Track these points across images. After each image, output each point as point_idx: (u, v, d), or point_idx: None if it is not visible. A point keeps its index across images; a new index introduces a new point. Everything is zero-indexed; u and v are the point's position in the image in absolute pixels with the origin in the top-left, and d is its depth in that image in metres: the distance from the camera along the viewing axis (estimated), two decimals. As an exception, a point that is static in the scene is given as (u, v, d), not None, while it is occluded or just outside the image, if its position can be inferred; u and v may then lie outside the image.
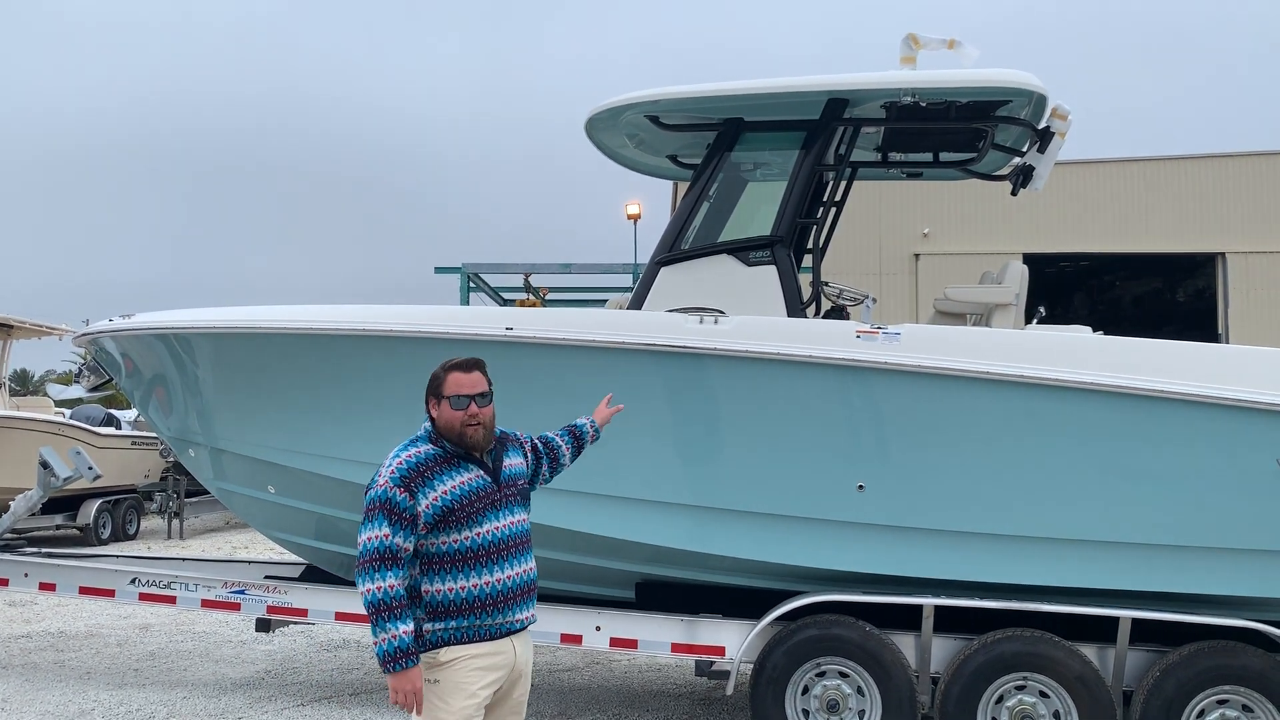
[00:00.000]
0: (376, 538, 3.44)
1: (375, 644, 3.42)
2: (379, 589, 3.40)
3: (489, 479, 3.67)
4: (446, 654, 3.54)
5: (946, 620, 5.46)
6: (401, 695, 3.44)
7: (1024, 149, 6.31)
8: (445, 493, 3.54)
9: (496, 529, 3.61)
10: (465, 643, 3.54)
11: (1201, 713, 5.14)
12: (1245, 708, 5.11)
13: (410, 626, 3.44)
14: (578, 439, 4.32)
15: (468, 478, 3.61)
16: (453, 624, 3.54)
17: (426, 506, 3.50)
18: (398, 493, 3.48)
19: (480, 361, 3.75)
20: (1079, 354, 5.31)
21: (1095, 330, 5.77)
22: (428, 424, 3.71)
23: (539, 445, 4.15)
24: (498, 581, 3.57)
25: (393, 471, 3.53)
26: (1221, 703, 5.13)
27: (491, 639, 3.58)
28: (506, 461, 3.79)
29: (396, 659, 3.40)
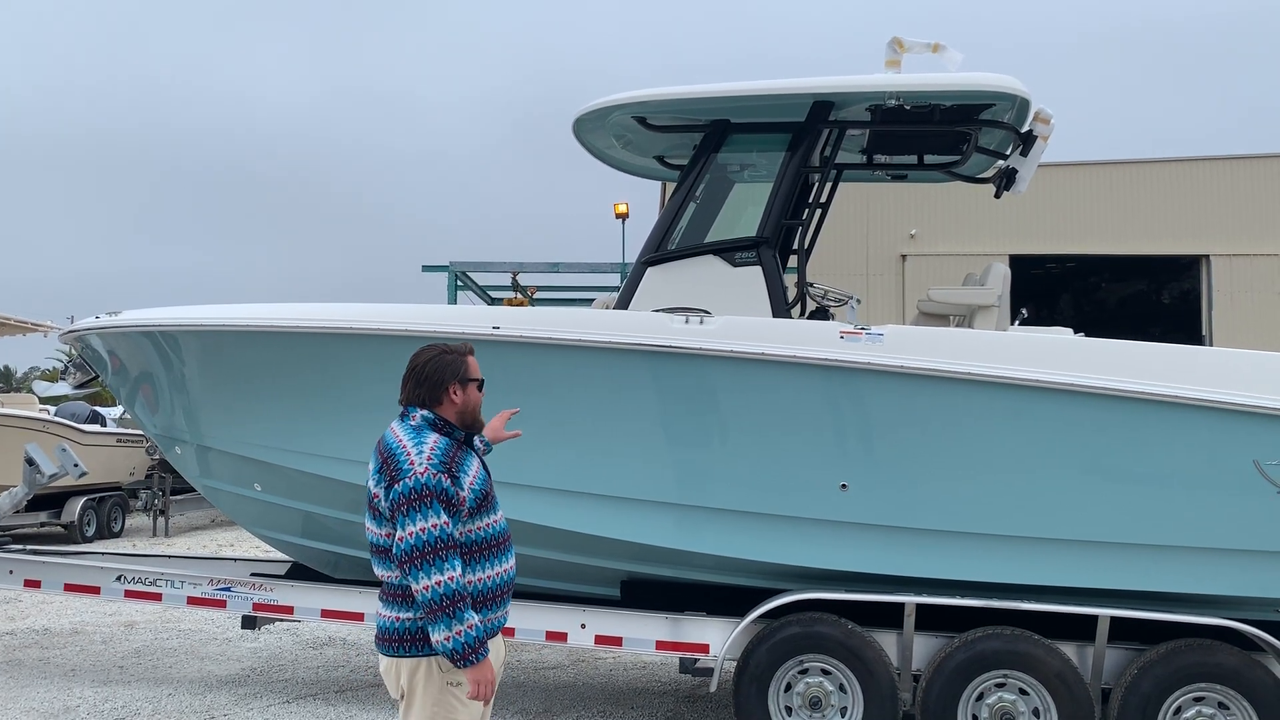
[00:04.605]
0: (435, 526, 3.24)
1: (448, 638, 3.23)
2: (450, 579, 3.22)
3: (486, 469, 3.63)
4: None
5: (928, 618, 5.52)
6: (484, 686, 3.30)
7: (1007, 152, 6.38)
8: (473, 480, 3.44)
9: (496, 521, 3.56)
10: None
11: (1178, 710, 5.21)
12: (1221, 705, 5.18)
13: (478, 617, 3.32)
14: None
15: (479, 465, 3.57)
16: None
17: (467, 491, 3.39)
18: (444, 479, 3.30)
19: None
20: (1060, 355, 5.37)
21: (1078, 331, 5.83)
22: (426, 413, 3.52)
23: None
24: (496, 575, 3.50)
25: (429, 458, 3.32)
26: (1198, 700, 5.20)
27: (491, 636, 3.48)
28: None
29: (476, 650, 3.25)
